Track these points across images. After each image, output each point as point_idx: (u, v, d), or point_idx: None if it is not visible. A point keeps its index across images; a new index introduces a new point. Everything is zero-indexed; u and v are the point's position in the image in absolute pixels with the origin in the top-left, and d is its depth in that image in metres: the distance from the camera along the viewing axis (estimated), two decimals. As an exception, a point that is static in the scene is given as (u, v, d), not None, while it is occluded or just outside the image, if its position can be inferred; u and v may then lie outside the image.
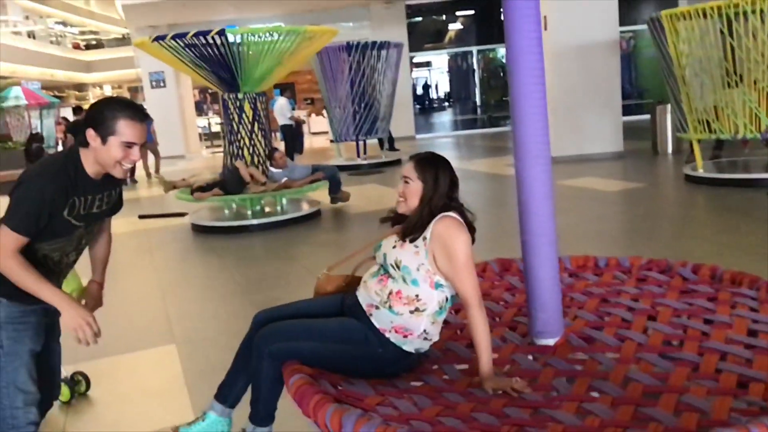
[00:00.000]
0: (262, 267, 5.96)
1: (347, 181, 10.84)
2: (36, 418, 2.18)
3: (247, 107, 7.63)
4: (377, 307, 2.14)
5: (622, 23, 15.74)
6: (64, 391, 3.39)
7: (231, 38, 7.14)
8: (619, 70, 10.61)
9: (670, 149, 10.50)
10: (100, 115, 2.04)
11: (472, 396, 1.92)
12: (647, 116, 11.78)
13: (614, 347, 2.13)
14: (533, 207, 2.32)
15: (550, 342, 2.21)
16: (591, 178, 8.73)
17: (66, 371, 3.46)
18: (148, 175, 13.63)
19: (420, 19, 20.26)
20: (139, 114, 2.07)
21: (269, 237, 7.18)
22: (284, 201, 8.18)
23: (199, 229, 7.65)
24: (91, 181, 2.12)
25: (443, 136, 18.85)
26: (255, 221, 7.59)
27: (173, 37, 7.22)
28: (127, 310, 4.95)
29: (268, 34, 7.29)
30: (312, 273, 6.10)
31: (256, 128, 7.70)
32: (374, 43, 12.23)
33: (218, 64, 7.39)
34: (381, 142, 13.90)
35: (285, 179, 7.63)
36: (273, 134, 17.12)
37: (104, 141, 2.03)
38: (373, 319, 2.14)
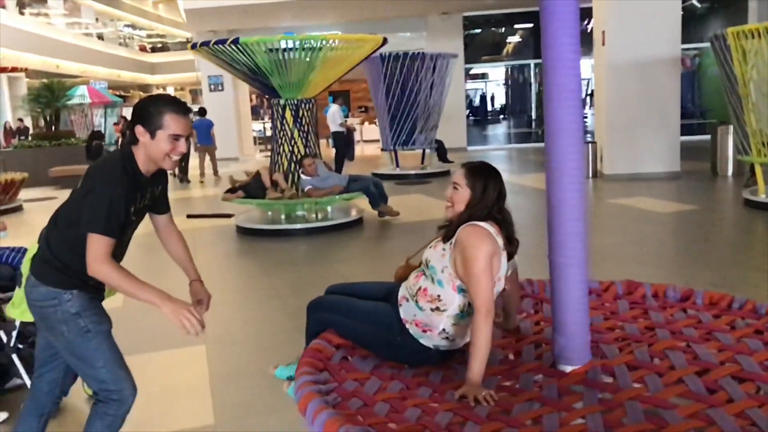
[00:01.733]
0: (300, 272, 5.97)
1: (393, 190, 10.83)
2: (136, 388, 2.33)
3: (287, 113, 7.68)
4: (407, 299, 2.30)
5: (686, 40, 15.37)
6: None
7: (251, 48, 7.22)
8: (678, 88, 10.26)
9: (730, 171, 10.07)
10: (147, 112, 2.14)
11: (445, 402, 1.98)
12: (709, 137, 11.34)
13: (629, 391, 1.94)
14: (564, 228, 2.20)
15: (567, 368, 2.11)
16: (643, 198, 8.44)
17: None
18: (202, 174, 13.90)
19: (479, 31, 20.14)
20: (182, 107, 2.19)
21: (311, 242, 7.20)
22: (329, 208, 8.18)
23: (243, 231, 7.74)
24: (144, 177, 2.22)
25: (496, 149, 18.62)
26: (299, 226, 7.65)
27: (212, 43, 7.41)
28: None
29: (282, 43, 7.26)
30: (347, 280, 6.09)
31: (296, 134, 7.73)
32: (407, 53, 11.96)
33: (252, 72, 7.50)
34: (438, 153, 13.72)
35: (308, 188, 7.59)
36: (327, 140, 17.38)
37: (153, 135, 2.14)
38: (401, 309, 2.31)
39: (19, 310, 3.08)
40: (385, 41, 8.06)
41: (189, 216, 9.06)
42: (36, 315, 2.29)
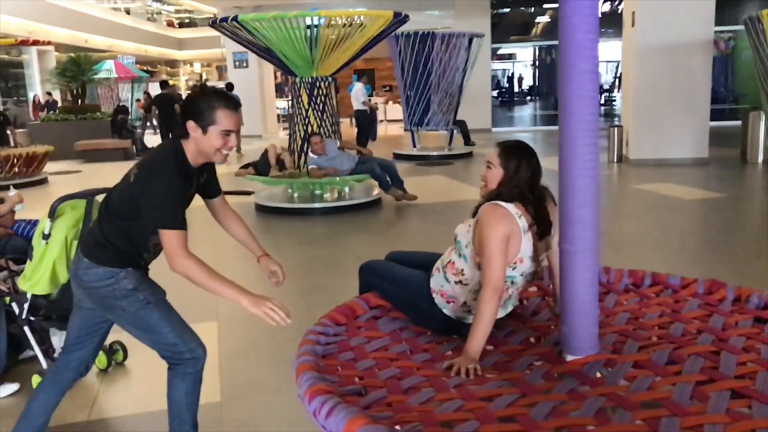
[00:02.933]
0: (315, 252, 5.96)
1: (414, 171, 10.76)
2: (203, 344, 2.43)
3: (303, 91, 7.62)
4: (438, 270, 2.37)
5: (721, 22, 14.92)
6: (102, 359, 3.48)
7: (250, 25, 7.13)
8: (710, 72, 9.96)
9: (760, 159, 9.80)
10: (198, 108, 2.18)
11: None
12: (740, 123, 11.04)
13: (604, 387, 1.85)
14: (574, 215, 2.13)
15: (569, 358, 2.06)
16: (668, 185, 8.26)
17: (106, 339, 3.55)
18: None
19: (507, 10, 19.78)
20: (233, 103, 2.23)
21: (329, 221, 7.18)
22: (347, 188, 8.15)
23: (262, 209, 7.75)
24: (192, 168, 2.29)
25: (522, 131, 18.37)
26: (317, 205, 7.65)
27: (219, 21, 7.41)
28: (178, 283, 5.02)
29: (276, 20, 7.11)
30: (362, 261, 6.05)
31: (310, 113, 7.66)
32: (417, 32, 11.65)
33: (262, 50, 7.47)
34: (464, 134, 13.55)
35: (312, 167, 7.52)
36: (350, 119, 17.27)
37: (205, 131, 2.18)
38: (432, 279, 2.38)
39: (30, 283, 3.11)
40: (400, 17, 7.69)
41: (209, 192, 9.10)
42: (92, 297, 2.34)
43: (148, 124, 18.10)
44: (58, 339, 3.34)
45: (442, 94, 12.12)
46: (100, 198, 3.36)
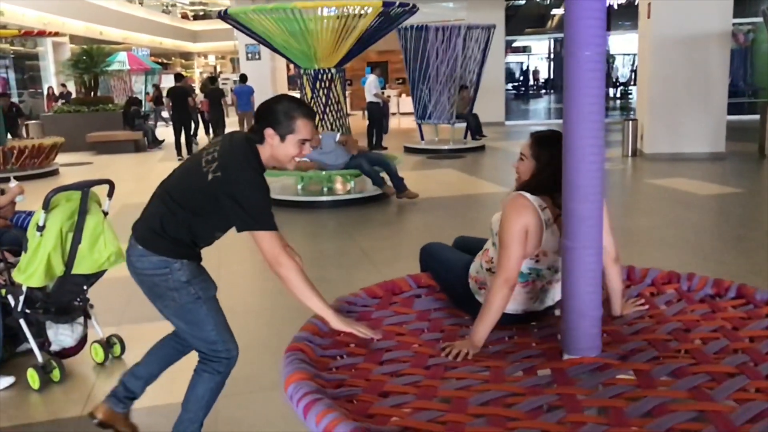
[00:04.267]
0: (322, 245, 5.90)
1: (424, 164, 10.66)
2: (238, 347, 2.48)
3: (306, 83, 7.55)
4: (479, 257, 2.41)
5: (740, 14, 14.65)
6: (99, 353, 3.44)
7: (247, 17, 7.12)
8: (727, 65, 9.76)
9: (778, 153, 9.61)
10: (277, 115, 2.19)
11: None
12: (758, 117, 10.82)
13: (575, 389, 1.77)
14: (577, 211, 2.04)
15: (566, 356, 1.99)
16: (683, 179, 8.10)
17: (103, 333, 3.52)
18: None
19: (523, 2, 19.57)
20: (311, 112, 2.27)
21: (337, 215, 7.12)
22: (352, 182, 8.08)
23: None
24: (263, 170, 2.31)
25: (535, 124, 18.18)
26: (325, 198, 7.59)
27: (223, 13, 7.41)
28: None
29: (257, 13, 7.09)
30: (368, 255, 6.05)
31: (312, 104, 7.57)
32: (413, 26, 11.55)
33: (265, 42, 7.41)
34: (469, 127, 13.41)
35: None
36: (362, 112, 17.16)
37: (283, 139, 2.19)
38: (471, 265, 2.42)
39: (25, 275, 3.08)
40: (393, 6, 7.21)
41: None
42: (145, 284, 2.34)
43: (160, 116, 18.14)
44: (53, 332, 3.30)
45: (441, 87, 11.98)
46: (96, 189, 3.33)
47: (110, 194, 3.39)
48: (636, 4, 11.37)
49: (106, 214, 3.31)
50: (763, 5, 8.16)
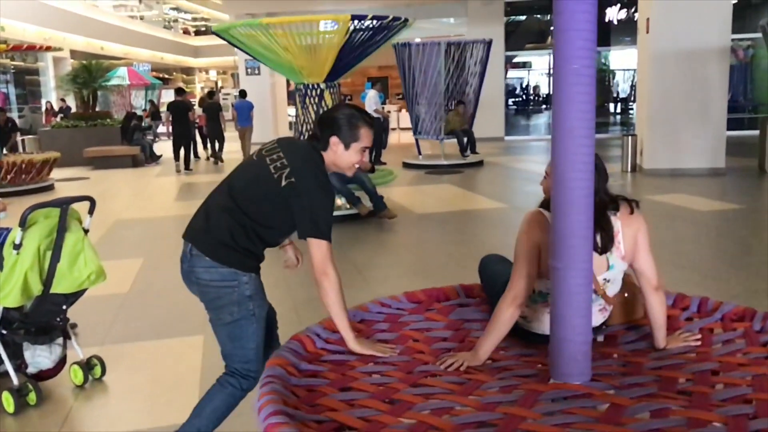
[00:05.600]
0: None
1: (422, 179, 10.59)
2: None
3: (297, 98, 7.50)
4: None
5: (740, 30, 14.63)
6: (78, 375, 3.34)
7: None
8: (726, 80, 9.69)
9: (779, 169, 9.52)
10: (341, 124, 2.25)
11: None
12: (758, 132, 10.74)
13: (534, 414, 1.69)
14: (566, 230, 1.95)
15: (551, 381, 1.91)
16: (682, 195, 8.01)
17: (84, 354, 3.42)
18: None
19: (524, 18, 19.58)
20: (372, 120, 2.36)
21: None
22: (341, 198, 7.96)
23: (264, 218, 7.61)
24: None
25: (535, 139, 18.14)
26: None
27: (213, 29, 7.52)
28: (168, 295, 4.91)
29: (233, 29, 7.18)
30: (361, 273, 5.95)
31: (302, 119, 7.49)
32: (398, 43, 11.64)
33: (255, 57, 7.53)
34: (460, 143, 13.18)
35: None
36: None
37: (347, 147, 2.26)
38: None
39: (1, 295, 2.99)
40: (364, 19, 6.88)
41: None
42: (208, 294, 2.31)
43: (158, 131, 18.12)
44: (30, 354, 3.20)
45: (426, 102, 11.97)
46: (77, 206, 3.25)
47: (91, 211, 3.31)
48: (636, 19, 11.35)
49: (86, 231, 3.23)
50: (762, 20, 8.10)
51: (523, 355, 2.20)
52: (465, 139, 12.51)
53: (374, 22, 6.91)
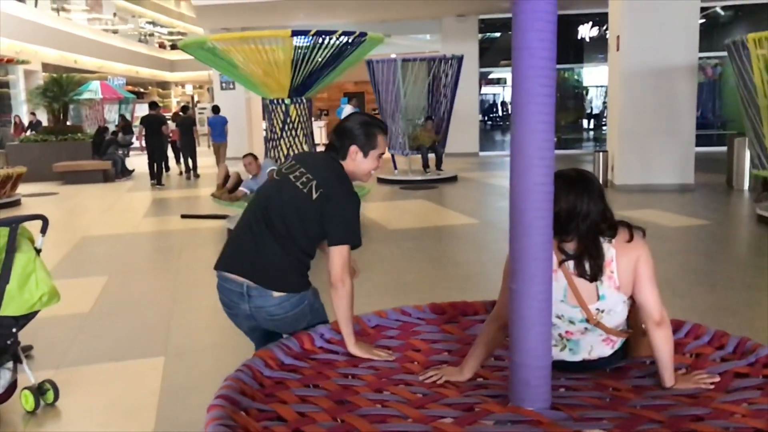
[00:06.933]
0: (283, 279, 5.72)
1: (397, 195, 10.55)
2: None
3: (266, 113, 7.53)
4: None
5: (708, 48, 14.90)
6: (29, 400, 3.21)
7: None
8: (694, 97, 9.85)
9: (746, 186, 9.64)
10: (359, 134, 2.35)
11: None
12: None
13: None
14: (524, 250, 1.91)
15: (509, 404, 1.87)
16: (652, 211, 8.08)
17: (36, 378, 3.30)
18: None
19: (498, 34, 19.75)
20: (386, 126, 2.47)
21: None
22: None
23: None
24: None
25: (509, 155, 18.23)
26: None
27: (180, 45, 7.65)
28: (130, 314, 4.80)
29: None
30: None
31: (268, 135, 7.46)
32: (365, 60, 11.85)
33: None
34: (424, 159, 13.06)
35: (240, 189, 7.36)
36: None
37: (366, 154, 2.36)
38: None
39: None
40: (305, 34, 6.81)
41: (183, 216, 8.87)
42: (285, 323, 2.35)
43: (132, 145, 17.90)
44: (-22, 378, 3.08)
45: (389, 118, 12.07)
46: (29, 225, 3.15)
47: (43, 230, 3.21)
48: (608, 37, 11.50)
49: (39, 251, 3.12)
50: (728, 40, 8.26)
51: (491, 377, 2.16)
52: (432, 155, 12.40)
53: (324, 37, 6.89)
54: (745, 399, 1.84)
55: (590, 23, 17.76)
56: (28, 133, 16.37)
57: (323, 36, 6.84)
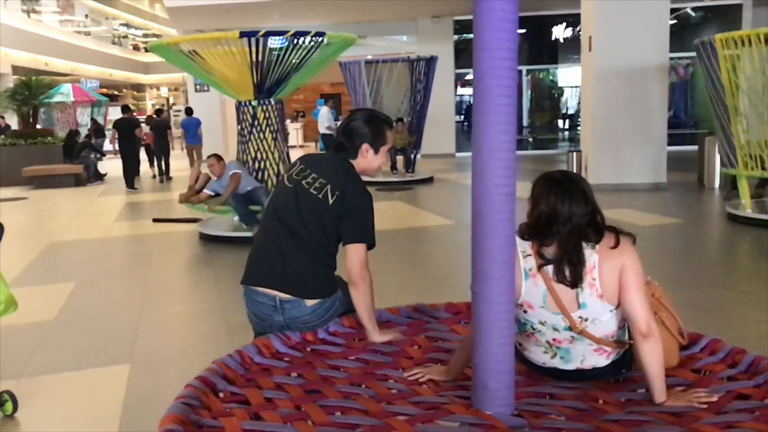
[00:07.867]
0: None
1: (374, 197, 10.50)
2: None
3: (237, 114, 7.47)
4: None
5: (680, 49, 15.09)
6: (-13, 412, 3.12)
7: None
8: (666, 97, 9.96)
9: (716, 184, 9.77)
10: (370, 131, 2.37)
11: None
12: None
13: None
14: (484, 251, 1.89)
15: (471, 407, 1.84)
16: (626, 210, 8.14)
17: (-5, 389, 3.20)
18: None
19: (473, 35, 19.84)
20: (392, 123, 2.51)
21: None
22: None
23: (205, 238, 7.41)
24: None
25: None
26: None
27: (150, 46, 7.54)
28: (97, 322, 4.70)
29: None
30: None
31: (239, 137, 7.40)
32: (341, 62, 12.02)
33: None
34: (392, 161, 12.96)
35: (204, 191, 7.29)
36: (315, 143, 16.93)
37: (377, 151, 2.40)
38: None
39: None
40: (254, 35, 6.68)
41: (155, 220, 8.75)
42: (320, 326, 2.37)
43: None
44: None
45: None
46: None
47: (-1, 237, 3.12)
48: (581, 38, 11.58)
49: (-5, 259, 3.03)
50: (697, 40, 8.35)
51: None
52: (402, 158, 12.39)
53: (279, 38, 6.87)
54: (732, 422, 1.70)
55: (564, 24, 17.89)
56: (-3, 137, 16.06)
57: (271, 36, 6.82)
